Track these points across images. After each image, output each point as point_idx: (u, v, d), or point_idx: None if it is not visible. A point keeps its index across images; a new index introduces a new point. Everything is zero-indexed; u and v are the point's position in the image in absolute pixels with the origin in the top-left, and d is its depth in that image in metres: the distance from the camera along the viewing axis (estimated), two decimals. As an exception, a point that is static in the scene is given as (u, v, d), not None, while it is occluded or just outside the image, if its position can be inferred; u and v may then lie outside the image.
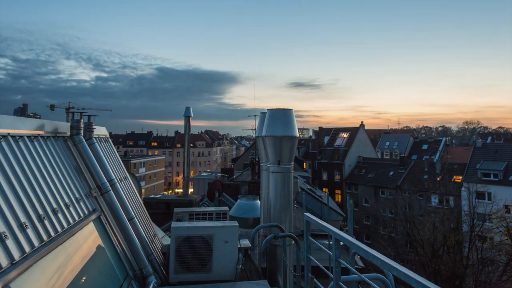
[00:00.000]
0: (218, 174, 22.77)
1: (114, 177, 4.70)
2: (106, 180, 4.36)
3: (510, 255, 19.77)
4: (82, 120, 4.39)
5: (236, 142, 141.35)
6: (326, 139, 65.77)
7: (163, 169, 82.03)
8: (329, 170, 61.15)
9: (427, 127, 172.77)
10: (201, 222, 5.01)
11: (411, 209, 24.31)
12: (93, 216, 3.94)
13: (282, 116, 5.49)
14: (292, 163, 5.60)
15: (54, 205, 3.25)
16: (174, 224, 4.72)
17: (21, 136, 3.28)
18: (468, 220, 21.09)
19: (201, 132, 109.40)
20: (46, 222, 2.98)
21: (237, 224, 4.79)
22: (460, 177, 43.10)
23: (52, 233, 2.99)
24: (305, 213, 3.48)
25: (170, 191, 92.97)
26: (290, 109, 5.58)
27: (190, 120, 10.10)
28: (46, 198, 3.18)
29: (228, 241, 4.70)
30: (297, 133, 5.52)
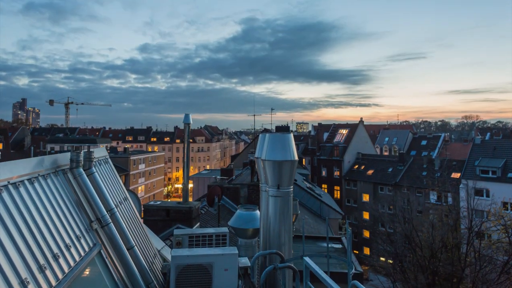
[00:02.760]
0: (218, 177, 22.81)
1: (114, 206, 4.72)
2: (105, 212, 4.38)
3: (509, 254, 19.88)
4: (82, 153, 4.40)
5: (235, 137, 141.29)
6: (325, 135, 65.80)
7: (162, 165, 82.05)
8: (328, 166, 61.28)
9: (426, 121, 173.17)
10: (200, 249, 5.04)
11: (410, 210, 24.40)
12: (94, 252, 3.96)
13: (281, 140, 5.50)
14: (292, 186, 5.62)
15: (55, 250, 3.27)
16: (174, 252, 4.74)
17: (21, 181, 3.29)
18: (466, 222, 21.20)
19: (201, 128, 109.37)
20: (48, 272, 3.00)
21: (237, 252, 4.82)
22: (459, 174, 43.24)
23: (54, 283, 3.02)
24: (304, 257, 3.49)
25: (170, 186, 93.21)
26: (289, 133, 5.59)
27: (189, 127, 10.10)
28: (46, 243, 3.20)
29: (228, 269, 4.73)
30: (296, 157, 5.54)
